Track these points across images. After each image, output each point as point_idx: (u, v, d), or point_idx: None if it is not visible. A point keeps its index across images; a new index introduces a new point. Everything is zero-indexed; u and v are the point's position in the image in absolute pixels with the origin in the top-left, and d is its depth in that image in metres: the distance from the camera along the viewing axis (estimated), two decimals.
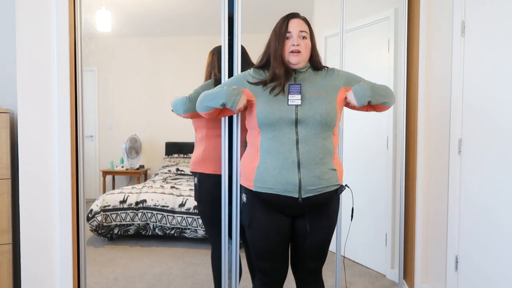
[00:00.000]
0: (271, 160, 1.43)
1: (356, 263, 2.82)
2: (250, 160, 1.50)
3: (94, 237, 3.48)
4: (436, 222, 2.27)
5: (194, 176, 1.91)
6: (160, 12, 3.75)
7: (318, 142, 1.42)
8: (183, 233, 3.28)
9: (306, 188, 1.41)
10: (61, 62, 1.77)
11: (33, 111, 1.76)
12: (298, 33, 1.47)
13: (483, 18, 2.04)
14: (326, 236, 1.53)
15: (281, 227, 1.49)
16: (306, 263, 1.55)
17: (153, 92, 5.01)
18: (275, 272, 1.55)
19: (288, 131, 1.42)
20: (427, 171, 2.31)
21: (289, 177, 1.40)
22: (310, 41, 1.51)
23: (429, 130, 2.29)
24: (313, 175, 1.41)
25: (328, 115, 1.43)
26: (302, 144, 1.41)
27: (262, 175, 1.44)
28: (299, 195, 1.41)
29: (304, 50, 1.48)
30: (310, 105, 1.43)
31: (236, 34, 1.84)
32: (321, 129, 1.43)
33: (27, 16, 1.74)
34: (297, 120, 1.42)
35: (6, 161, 1.80)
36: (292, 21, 1.49)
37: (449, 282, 2.20)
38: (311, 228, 1.49)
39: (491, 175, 2.02)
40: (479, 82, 2.06)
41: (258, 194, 1.47)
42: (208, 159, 1.85)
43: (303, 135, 1.42)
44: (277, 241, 1.50)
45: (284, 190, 1.42)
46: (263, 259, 1.53)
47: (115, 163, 4.95)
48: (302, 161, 1.40)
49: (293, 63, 1.47)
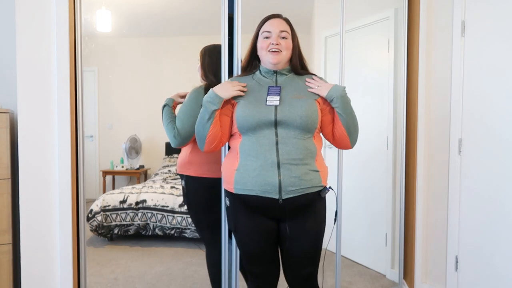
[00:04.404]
0: (251, 161, 1.40)
1: (356, 263, 2.82)
2: (230, 163, 1.48)
3: (94, 237, 3.48)
4: (436, 222, 2.27)
5: (181, 178, 1.89)
6: (160, 12, 3.75)
7: (299, 142, 1.40)
8: (183, 233, 3.28)
9: (287, 189, 1.38)
10: (61, 62, 1.77)
11: (33, 111, 1.76)
12: (278, 33, 1.45)
13: (483, 18, 2.04)
14: (313, 241, 1.47)
15: (265, 229, 1.46)
16: (296, 270, 1.50)
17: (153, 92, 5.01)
18: (265, 274, 1.53)
19: (268, 133, 1.40)
20: (427, 171, 2.31)
21: (269, 178, 1.37)
22: (291, 41, 1.49)
23: (429, 130, 2.29)
24: (294, 175, 1.38)
25: (308, 117, 1.40)
26: (282, 145, 1.39)
27: (241, 176, 1.42)
28: (279, 196, 1.38)
29: (284, 49, 1.46)
30: (290, 107, 1.41)
31: (236, 34, 1.84)
32: (301, 131, 1.40)
33: (27, 16, 1.74)
34: (277, 121, 1.40)
35: (6, 161, 1.80)
36: (273, 21, 1.48)
37: (449, 282, 2.20)
38: (295, 232, 1.45)
39: (491, 175, 2.02)
40: (479, 82, 2.06)
41: (240, 197, 1.44)
42: (195, 162, 1.81)
43: (283, 136, 1.39)
44: (262, 244, 1.48)
45: (263, 191, 1.38)
46: (252, 262, 1.52)
47: (115, 163, 4.95)
48: (282, 161, 1.38)
49: (272, 62, 1.45)
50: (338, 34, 2.14)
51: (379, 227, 2.67)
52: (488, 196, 2.03)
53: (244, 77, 1.55)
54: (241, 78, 1.54)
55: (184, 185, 1.87)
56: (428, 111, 2.29)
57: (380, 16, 2.53)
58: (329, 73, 2.32)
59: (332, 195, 1.57)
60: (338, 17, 2.11)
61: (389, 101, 2.56)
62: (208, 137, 1.45)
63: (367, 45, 2.62)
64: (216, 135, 1.46)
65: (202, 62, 1.87)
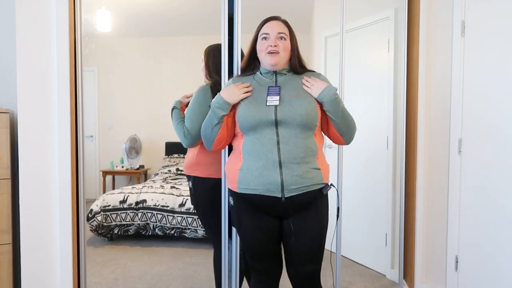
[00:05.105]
0: (253, 161, 1.43)
1: (356, 263, 2.82)
2: (233, 163, 1.51)
3: (94, 237, 3.48)
4: (436, 222, 2.27)
5: (189, 179, 1.90)
6: (160, 12, 3.75)
7: (299, 141, 1.43)
8: (183, 233, 3.29)
9: (289, 187, 1.41)
10: (61, 62, 1.77)
11: (33, 111, 1.76)
12: (276, 34, 1.48)
13: (483, 18, 2.04)
14: (315, 239, 1.50)
15: (268, 227, 1.50)
16: (298, 267, 1.52)
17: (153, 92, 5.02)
18: (268, 270, 1.57)
19: (269, 132, 1.43)
20: (427, 171, 2.31)
21: (271, 177, 1.41)
22: (289, 42, 1.51)
23: (429, 130, 2.29)
24: (295, 174, 1.41)
25: (308, 115, 1.43)
26: (283, 144, 1.41)
27: (245, 176, 1.45)
28: (282, 194, 1.41)
29: (282, 51, 1.48)
30: (289, 106, 1.43)
31: (236, 34, 1.84)
32: (301, 129, 1.43)
33: (27, 16, 1.74)
34: (277, 121, 1.43)
35: (6, 161, 1.80)
36: (271, 23, 1.51)
37: (449, 282, 2.20)
38: (297, 228, 1.48)
39: (491, 175, 2.02)
40: (479, 82, 2.06)
41: (243, 196, 1.48)
42: (202, 163, 1.82)
43: (284, 135, 1.42)
44: (266, 241, 1.51)
45: (266, 190, 1.42)
46: (255, 259, 1.56)
47: (115, 163, 4.95)
48: (284, 160, 1.41)
49: (271, 64, 1.48)
50: (338, 34, 2.14)
51: (379, 227, 2.67)
52: (488, 196, 2.03)
53: (245, 77, 1.57)
54: (243, 78, 1.57)
55: (191, 186, 1.87)
56: (428, 111, 2.29)
57: (380, 16, 2.54)
58: (329, 73, 2.32)
59: (333, 193, 1.58)
60: (338, 17, 2.11)
61: (389, 101, 2.56)
62: (216, 140, 1.51)
63: (367, 45, 2.62)
64: (223, 137, 1.52)
65: (206, 62, 1.87)
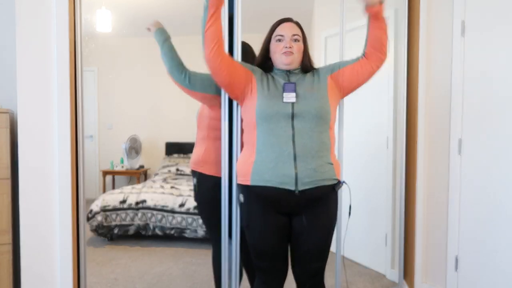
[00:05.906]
0: (267, 153, 1.45)
1: (356, 263, 2.82)
2: (246, 157, 1.53)
3: (94, 237, 3.49)
4: (436, 222, 2.27)
5: (194, 176, 1.90)
6: (160, 12, 3.75)
7: (314, 135, 1.46)
8: (183, 233, 3.29)
9: (303, 180, 1.43)
10: (61, 62, 1.77)
11: (33, 111, 1.76)
12: (291, 36, 1.53)
13: (483, 18, 2.04)
14: (324, 236, 1.52)
15: (279, 226, 1.51)
16: (305, 265, 1.54)
17: (153, 92, 5.02)
18: (274, 270, 1.57)
19: (285, 125, 1.45)
20: (427, 171, 2.31)
21: (286, 169, 1.42)
22: (302, 44, 1.57)
23: (429, 130, 2.29)
24: (309, 167, 1.43)
25: (322, 108, 1.47)
26: (298, 137, 1.44)
27: (258, 168, 1.47)
28: (295, 187, 1.43)
29: (296, 52, 1.53)
30: (305, 100, 1.47)
31: (236, 34, 1.84)
32: (316, 122, 1.46)
33: (27, 16, 1.74)
34: (293, 114, 1.46)
35: (6, 161, 1.81)
36: (285, 25, 1.55)
37: (449, 282, 2.20)
38: (309, 224, 1.50)
39: (491, 175, 2.02)
40: (479, 82, 2.06)
41: (255, 190, 1.48)
42: (208, 161, 1.83)
43: (299, 128, 1.45)
44: (275, 241, 1.52)
45: (280, 183, 1.43)
46: (262, 259, 1.55)
47: (115, 163, 4.96)
48: (298, 153, 1.43)
49: (285, 63, 1.53)
50: (338, 34, 2.14)
51: (379, 227, 2.67)
52: (488, 196, 2.04)
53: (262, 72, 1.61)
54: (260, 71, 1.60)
55: (196, 182, 1.88)
56: (428, 111, 2.29)
57: None
58: None
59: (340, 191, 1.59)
60: (338, 17, 2.11)
61: (389, 101, 2.56)
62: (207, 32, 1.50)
63: None
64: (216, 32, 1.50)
65: None
